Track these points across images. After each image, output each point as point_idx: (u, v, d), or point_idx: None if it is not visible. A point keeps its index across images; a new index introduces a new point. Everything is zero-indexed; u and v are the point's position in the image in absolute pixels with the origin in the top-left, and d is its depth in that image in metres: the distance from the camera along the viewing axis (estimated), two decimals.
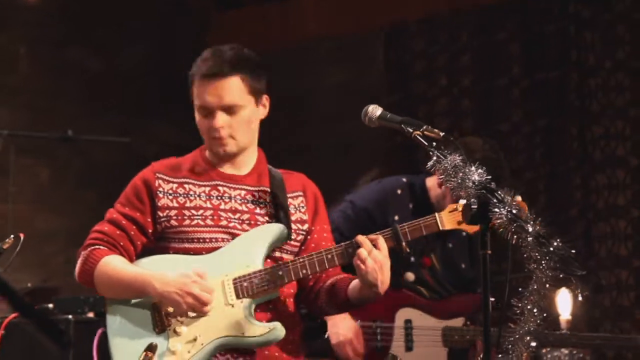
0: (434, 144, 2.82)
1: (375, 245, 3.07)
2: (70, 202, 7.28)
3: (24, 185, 7.03)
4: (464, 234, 4.31)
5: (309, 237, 3.31)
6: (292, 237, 3.26)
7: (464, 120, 6.72)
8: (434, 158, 2.76)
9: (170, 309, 3.16)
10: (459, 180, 2.59)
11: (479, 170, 2.61)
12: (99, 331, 3.76)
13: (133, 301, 3.21)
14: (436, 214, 3.11)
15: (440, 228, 3.10)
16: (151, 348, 3.15)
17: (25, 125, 6.85)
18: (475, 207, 2.53)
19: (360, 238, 3.08)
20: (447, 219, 3.09)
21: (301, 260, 3.15)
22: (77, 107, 7.24)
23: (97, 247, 3.26)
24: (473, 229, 2.89)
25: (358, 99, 7.10)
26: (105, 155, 7.34)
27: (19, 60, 7.07)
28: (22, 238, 3.51)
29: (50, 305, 4.43)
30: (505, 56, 6.58)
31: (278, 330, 3.12)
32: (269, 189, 3.30)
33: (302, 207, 3.32)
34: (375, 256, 3.05)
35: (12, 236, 3.53)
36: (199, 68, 3.25)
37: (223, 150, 3.27)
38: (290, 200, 3.31)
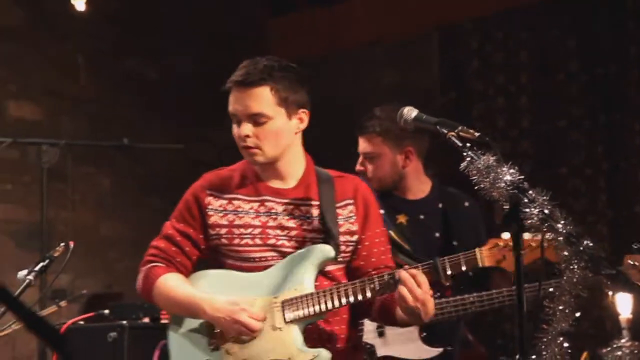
0: (468, 144, 2.84)
1: (415, 281, 3.06)
2: (133, 209, 7.44)
3: (86, 193, 7.20)
4: (439, 205, 4.32)
5: (359, 246, 3.32)
6: (342, 249, 3.27)
7: (521, 118, 6.71)
8: (467, 159, 2.79)
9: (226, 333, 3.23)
10: (491, 181, 2.62)
11: (511, 170, 2.64)
12: (161, 343, 3.86)
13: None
14: (477, 250, 3.09)
15: (480, 265, 3.09)
16: None
17: (85, 134, 7.02)
18: (508, 207, 2.55)
19: (403, 275, 3.07)
20: (487, 256, 3.07)
21: (344, 287, 3.15)
22: (134, 115, 7.39)
23: (155, 264, 3.34)
24: (512, 267, 2.87)
25: (414, 99, 7.16)
26: (165, 162, 7.48)
27: (78, 70, 7.23)
28: (72, 246, 3.63)
29: (106, 311, 4.56)
30: (563, 52, 6.56)
31: (323, 357, 3.14)
32: (317, 202, 3.30)
33: (352, 216, 3.31)
34: (416, 295, 3.05)
35: (62, 244, 3.65)
36: (233, 76, 3.28)
37: (251, 159, 3.30)
38: (339, 210, 3.30)
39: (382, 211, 3.69)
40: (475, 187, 2.70)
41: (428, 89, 7.17)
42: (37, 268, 3.58)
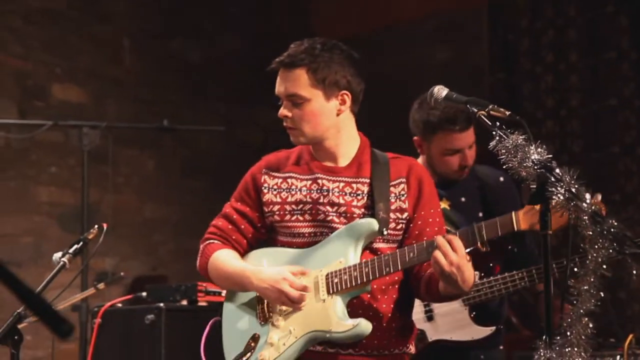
0: (498, 123, 2.82)
1: (451, 246, 3.09)
2: (176, 191, 7.50)
3: (130, 175, 7.27)
4: (476, 185, 4.29)
5: (411, 224, 3.33)
6: (391, 227, 3.30)
7: (571, 97, 6.64)
8: (497, 138, 2.77)
9: (271, 303, 3.29)
10: (519, 160, 2.59)
11: (539, 149, 2.61)
12: (212, 320, 3.90)
13: (244, 293, 3.38)
14: (513, 213, 3.10)
15: (516, 228, 3.09)
16: (254, 338, 3.30)
17: (129, 116, 7.09)
18: (534, 186, 2.53)
19: (439, 239, 3.08)
20: (524, 219, 3.07)
21: (385, 257, 3.19)
22: (179, 96, 7.44)
23: (211, 241, 3.44)
24: (557, 227, 2.85)
25: (463, 77, 7.16)
26: (210, 144, 7.52)
27: (123, 52, 7.29)
28: (105, 228, 3.66)
29: (144, 294, 4.60)
30: (613, 29, 6.47)
31: (362, 326, 3.17)
32: (368, 180, 3.34)
33: (403, 195, 3.33)
34: (451, 259, 3.05)
35: (96, 226, 3.68)
36: (279, 57, 3.36)
37: (292, 139, 3.37)
38: (392, 188, 3.33)
39: None
40: (504, 166, 2.67)
41: (478, 66, 7.12)
42: (71, 250, 3.60)
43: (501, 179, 4.28)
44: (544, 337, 2.54)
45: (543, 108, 6.67)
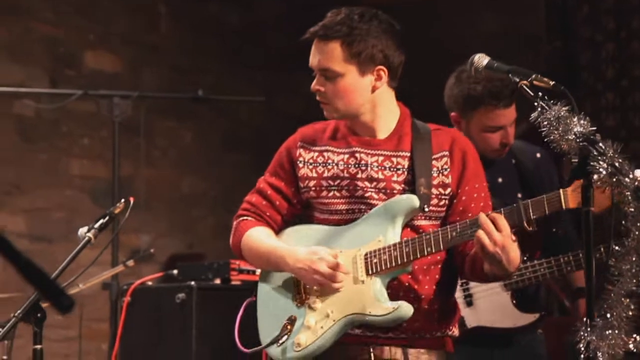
0: (540, 94, 2.80)
1: (495, 225, 3.08)
2: (215, 165, 7.54)
3: (167, 148, 7.32)
4: (513, 162, 4.25)
5: (455, 200, 3.31)
6: (433, 203, 3.28)
7: (633, 66, 6.55)
8: (538, 109, 2.75)
9: (307, 284, 3.30)
10: (561, 132, 2.57)
11: (582, 121, 2.59)
12: (247, 300, 3.94)
13: (279, 273, 3.38)
14: (561, 190, 3.06)
15: (564, 207, 3.06)
16: (291, 320, 3.31)
17: (165, 85, 7.12)
18: (576, 160, 2.52)
19: (482, 218, 3.07)
20: (572, 197, 3.01)
21: (427, 236, 3.18)
22: (218, 65, 7.46)
23: (244, 218, 3.44)
24: (600, 208, 2.83)
25: (517, 46, 7.09)
26: (250, 114, 7.54)
27: (158, 18, 7.32)
28: (132, 202, 3.69)
29: (175, 272, 4.64)
30: None
31: (403, 310, 3.16)
32: (408, 153, 3.33)
33: (446, 169, 3.31)
34: (495, 238, 3.04)
35: (122, 200, 3.71)
36: (313, 27, 3.34)
37: (325, 114, 3.36)
38: (434, 162, 3.32)
39: None
40: (545, 139, 2.65)
41: (533, 36, 7.05)
42: (96, 225, 3.63)
43: (538, 155, 4.24)
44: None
45: (602, 79, 6.59)
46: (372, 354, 3.24)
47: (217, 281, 4.58)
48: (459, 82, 4.13)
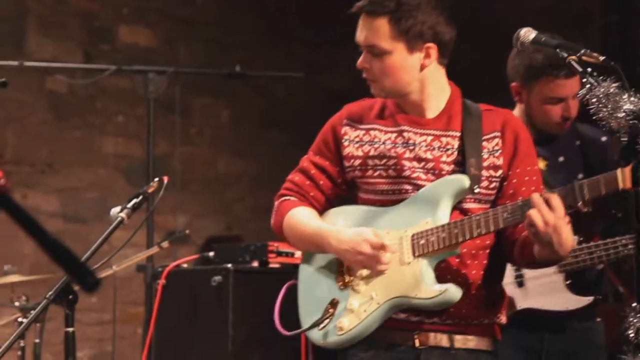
0: (589, 70, 2.79)
1: (549, 205, 3.08)
2: (253, 144, 7.56)
3: (203, 126, 7.35)
4: (577, 143, 4.22)
5: (505, 183, 3.28)
6: (484, 185, 3.26)
7: None
8: (587, 86, 2.74)
9: (351, 266, 3.32)
10: (610, 110, 2.56)
11: (633, 99, 2.57)
12: (288, 283, 3.97)
13: (322, 254, 3.38)
14: (619, 170, 3.02)
15: (621, 187, 3.03)
16: (333, 303, 3.30)
17: (202, 61, 7.15)
18: (626, 139, 2.50)
19: (535, 197, 3.03)
20: (630, 177, 2.94)
21: (477, 217, 3.16)
22: (256, 39, 7.46)
23: (287, 198, 3.44)
24: None
25: (569, 21, 7.04)
26: (289, 91, 7.55)
27: None
28: (165, 182, 3.71)
29: (211, 254, 4.67)
30: None
31: (450, 292, 3.14)
32: (458, 133, 3.31)
33: (497, 150, 3.29)
34: (547, 218, 3.01)
35: (156, 179, 3.74)
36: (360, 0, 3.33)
37: (372, 92, 3.34)
38: (484, 143, 3.29)
39: None
40: (594, 117, 2.64)
41: (585, 8, 7.01)
42: (129, 205, 3.66)
43: (603, 138, 4.22)
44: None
45: None
46: (416, 340, 3.26)
47: (255, 264, 4.58)
48: (520, 52, 4.12)
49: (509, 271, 3.99)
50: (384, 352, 3.28)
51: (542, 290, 4.09)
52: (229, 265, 4.47)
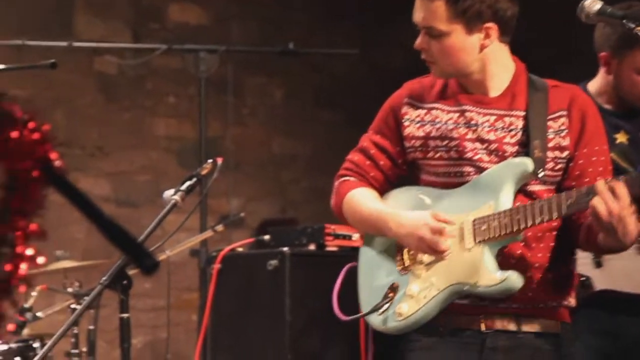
0: None
1: (613, 193, 3.04)
2: (308, 123, 7.56)
3: (256, 105, 7.37)
4: None
5: (571, 164, 3.27)
6: (549, 167, 3.25)
7: None
8: None
9: (412, 251, 3.33)
10: None
11: None
12: (347, 266, 3.99)
13: (382, 238, 3.39)
14: None
15: None
16: (393, 288, 3.32)
17: (254, 39, 7.15)
18: None
19: (599, 185, 3.01)
20: None
21: (540, 204, 3.13)
22: (310, 15, 7.45)
23: (346, 178, 3.46)
24: None
25: None
26: (345, 69, 7.53)
27: None
28: (219, 163, 3.73)
29: (267, 237, 4.69)
30: None
31: (511, 280, 3.14)
32: (523, 113, 3.30)
33: (563, 130, 3.27)
34: (611, 208, 2.98)
35: (209, 161, 3.75)
36: None
37: (432, 73, 3.34)
38: (550, 123, 3.27)
39: None
40: None
41: None
42: (183, 187, 3.68)
43: None
44: None
45: None
46: (482, 324, 3.25)
47: (312, 247, 4.60)
48: (610, 20, 4.05)
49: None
50: (448, 337, 3.29)
51: (621, 272, 4.06)
52: (285, 249, 4.50)
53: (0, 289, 1.56)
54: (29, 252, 1.58)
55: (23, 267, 1.57)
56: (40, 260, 1.61)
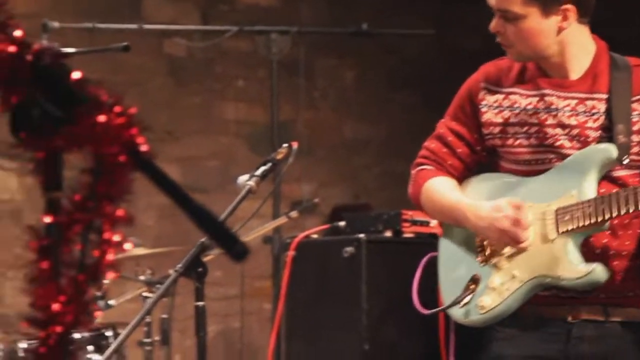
0: None
1: None
2: (381, 107, 7.55)
3: (327, 88, 7.37)
4: None
5: None
6: (634, 152, 3.24)
7: None
8: None
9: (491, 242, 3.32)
10: None
11: None
12: (427, 256, 4.00)
13: (462, 229, 3.40)
14: None
15: None
16: (474, 280, 3.34)
17: (325, 19, 7.15)
18: None
19: None
20: None
21: (625, 193, 3.11)
22: None
23: (424, 167, 3.47)
24: None
25: None
26: (419, 50, 7.51)
27: None
28: (294, 147, 3.74)
29: (342, 223, 4.69)
30: None
31: (596, 273, 3.13)
32: (605, 95, 3.28)
33: None
34: None
35: (284, 145, 3.77)
36: None
37: (508, 57, 3.33)
38: (635, 105, 3.26)
39: None
40: None
41: None
42: (258, 173, 3.69)
43: None
44: None
45: None
46: (568, 314, 3.24)
47: (388, 233, 4.60)
48: None
49: None
50: (532, 328, 3.28)
51: None
52: (361, 236, 4.49)
53: (88, 276, 1.58)
54: (116, 238, 1.61)
55: (110, 253, 1.60)
56: (127, 246, 1.64)
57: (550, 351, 3.26)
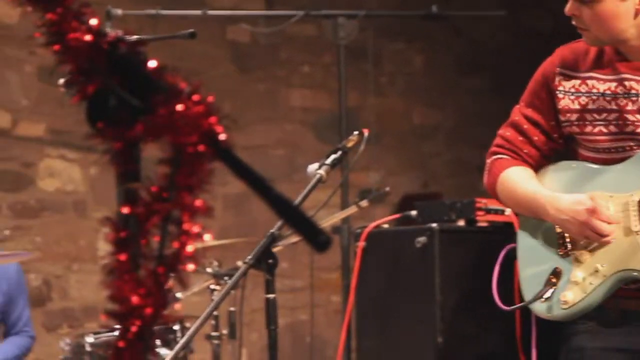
0: None
1: None
2: (450, 92, 7.53)
3: (395, 73, 7.36)
4: None
5: None
6: None
7: None
8: None
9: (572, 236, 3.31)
10: None
11: None
12: (505, 248, 3.98)
13: (540, 221, 3.38)
14: None
15: None
16: (556, 273, 3.31)
17: (393, 2, 7.14)
18: None
19: None
20: None
21: None
22: None
23: (499, 156, 3.46)
24: None
25: None
26: (490, 33, 7.48)
27: None
28: (365, 135, 3.73)
29: (414, 213, 4.67)
30: None
31: None
32: None
33: None
34: None
35: (355, 133, 3.77)
36: None
37: (585, 41, 3.30)
38: None
39: None
40: None
41: None
42: (328, 161, 3.69)
43: None
44: None
45: None
46: None
47: (461, 223, 4.57)
48: None
49: None
50: (616, 321, 3.26)
51: None
52: (434, 225, 4.46)
53: (167, 268, 1.59)
54: (195, 229, 1.61)
55: (190, 245, 1.60)
56: (207, 237, 1.64)
57: (636, 345, 3.24)
